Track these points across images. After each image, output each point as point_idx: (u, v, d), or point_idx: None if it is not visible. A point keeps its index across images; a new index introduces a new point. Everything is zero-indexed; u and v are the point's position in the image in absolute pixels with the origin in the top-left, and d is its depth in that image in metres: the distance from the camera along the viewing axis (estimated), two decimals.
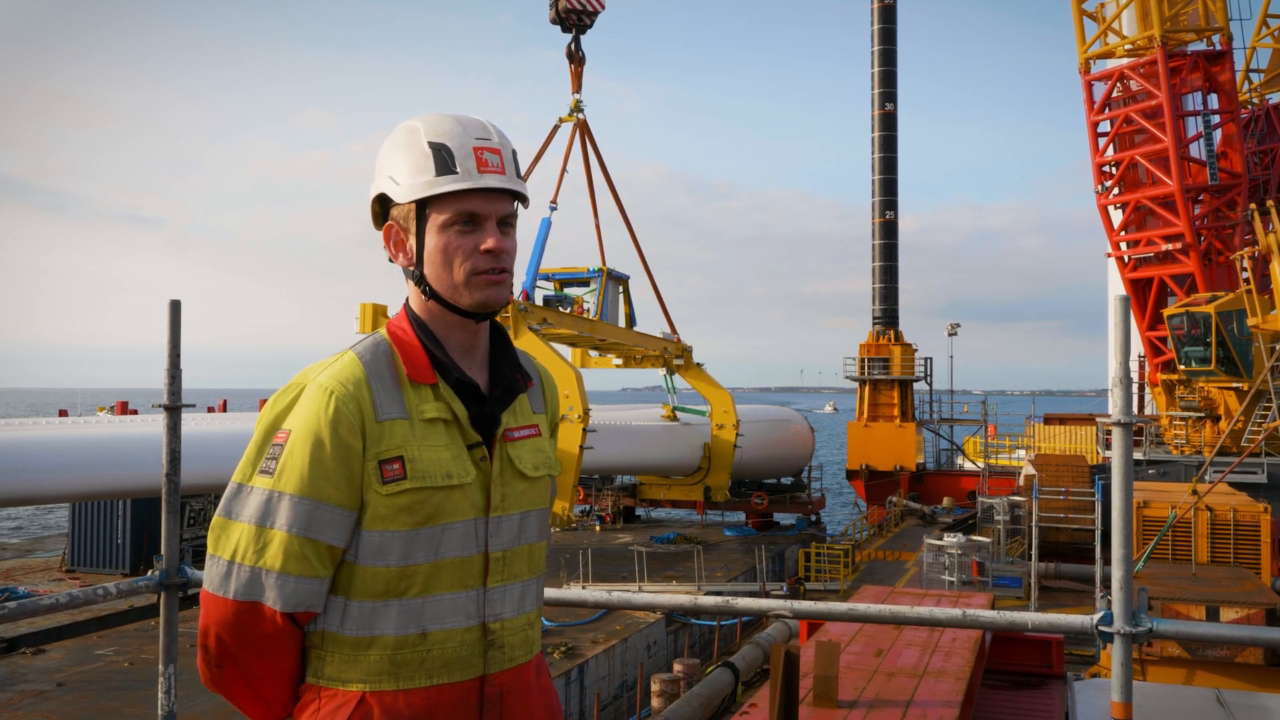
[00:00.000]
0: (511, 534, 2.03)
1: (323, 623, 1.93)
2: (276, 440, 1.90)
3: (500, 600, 2.01)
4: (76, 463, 16.94)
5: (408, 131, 1.99)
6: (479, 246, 1.96)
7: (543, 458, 2.13)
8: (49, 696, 13.70)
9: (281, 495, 1.86)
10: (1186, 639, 3.42)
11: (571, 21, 25.75)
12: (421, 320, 2.04)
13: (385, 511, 1.89)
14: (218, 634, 1.89)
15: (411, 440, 1.92)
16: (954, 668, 6.04)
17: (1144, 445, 26.87)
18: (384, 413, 1.92)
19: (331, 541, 1.88)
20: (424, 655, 1.92)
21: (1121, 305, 3.03)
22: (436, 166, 1.95)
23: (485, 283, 1.97)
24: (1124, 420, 2.92)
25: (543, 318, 23.80)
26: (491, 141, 1.99)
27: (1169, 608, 10.07)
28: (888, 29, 43.46)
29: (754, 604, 3.55)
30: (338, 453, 1.87)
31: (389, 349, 2.01)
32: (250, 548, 1.87)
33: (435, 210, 1.97)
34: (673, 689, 14.54)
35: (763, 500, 31.79)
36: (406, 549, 1.90)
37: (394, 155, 2.00)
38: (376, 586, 1.90)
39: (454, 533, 1.94)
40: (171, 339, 3.57)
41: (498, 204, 1.99)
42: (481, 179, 1.95)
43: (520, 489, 2.06)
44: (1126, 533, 2.95)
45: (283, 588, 1.86)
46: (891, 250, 43.99)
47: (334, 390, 1.89)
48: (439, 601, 1.93)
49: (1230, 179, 28.69)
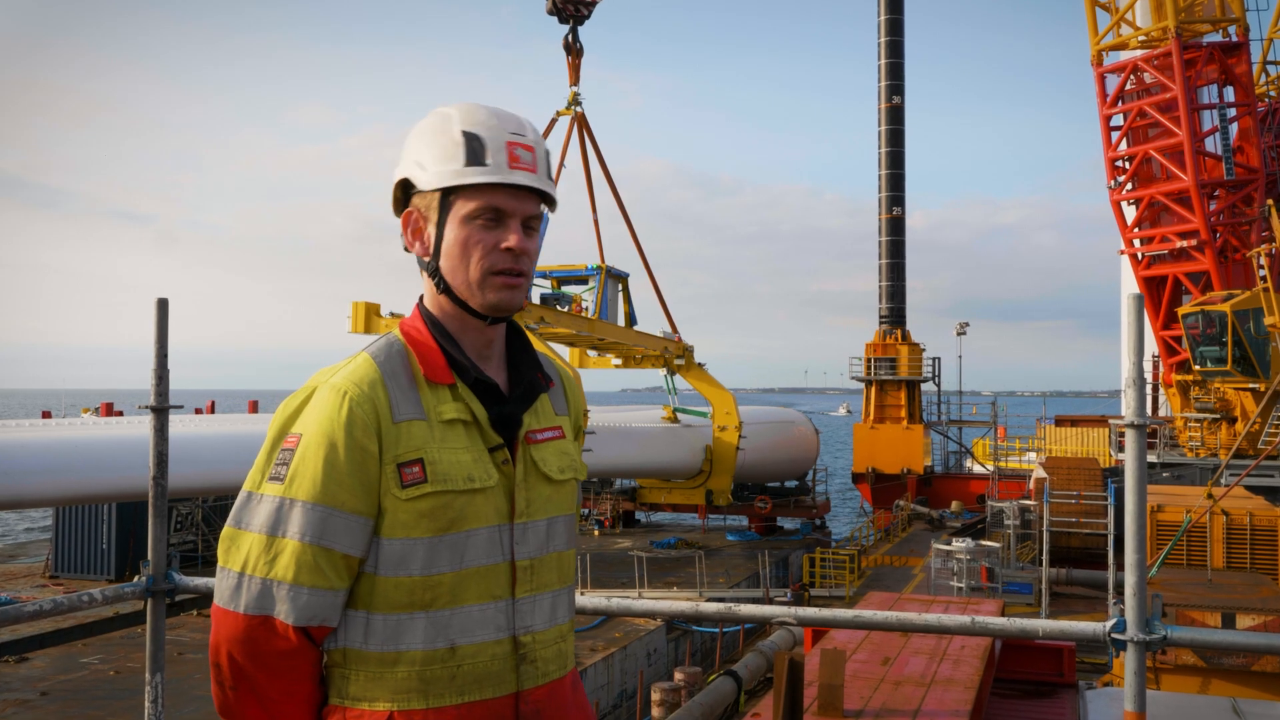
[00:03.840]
0: (539, 541, 1.97)
1: (344, 639, 1.86)
2: (286, 445, 1.85)
3: (530, 611, 1.95)
4: (60, 466, 16.77)
5: (441, 118, 1.94)
6: (500, 244, 1.91)
7: (568, 460, 2.07)
8: (32, 706, 13.49)
9: (293, 502, 1.81)
10: (1202, 646, 3.67)
11: (569, 12, 25.66)
12: (436, 319, 1.98)
13: (406, 517, 1.83)
14: (229, 651, 1.82)
15: (431, 442, 1.87)
16: (963, 676, 5.99)
17: (1158, 448, 26.91)
18: (401, 414, 1.87)
19: (347, 550, 1.82)
20: (454, 671, 1.86)
21: (1135, 304, 3.00)
22: (466, 156, 1.90)
23: (501, 284, 1.92)
24: (1137, 422, 2.90)
25: (540, 316, 23.68)
26: (526, 138, 1.94)
27: (1184, 614, 9.99)
28: (895, 20, 43.39)
29: (757, 611, 3.55)
30: (352, 456, 1.81)
31: (403, 349, 1.95)
32: (261, 558, 1.81)
33: (460, 201, 1.91)
34: (674, 698, 14.38)
35: (766, 504, 31.59)
36: (429, 557, 1.85)
37: (423, 140, 1.94)
38: (400, 598, 1.84)
39: (478, 539, 1.88)
40: (159, 338, 3.52)
41: (525, 203, 1.93)
42: (512, 174, 1.90)
43: (546, 493, 2.00)
44: (1140, 537, 2.92)
45: (295, 600, 1.79)
46: (899, 247, 43.79)
47: (347, 391, 1.84)
48: (467, 613, 1.87)
49: (1247, 174, 28.59)
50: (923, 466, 41.29)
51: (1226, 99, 28.79)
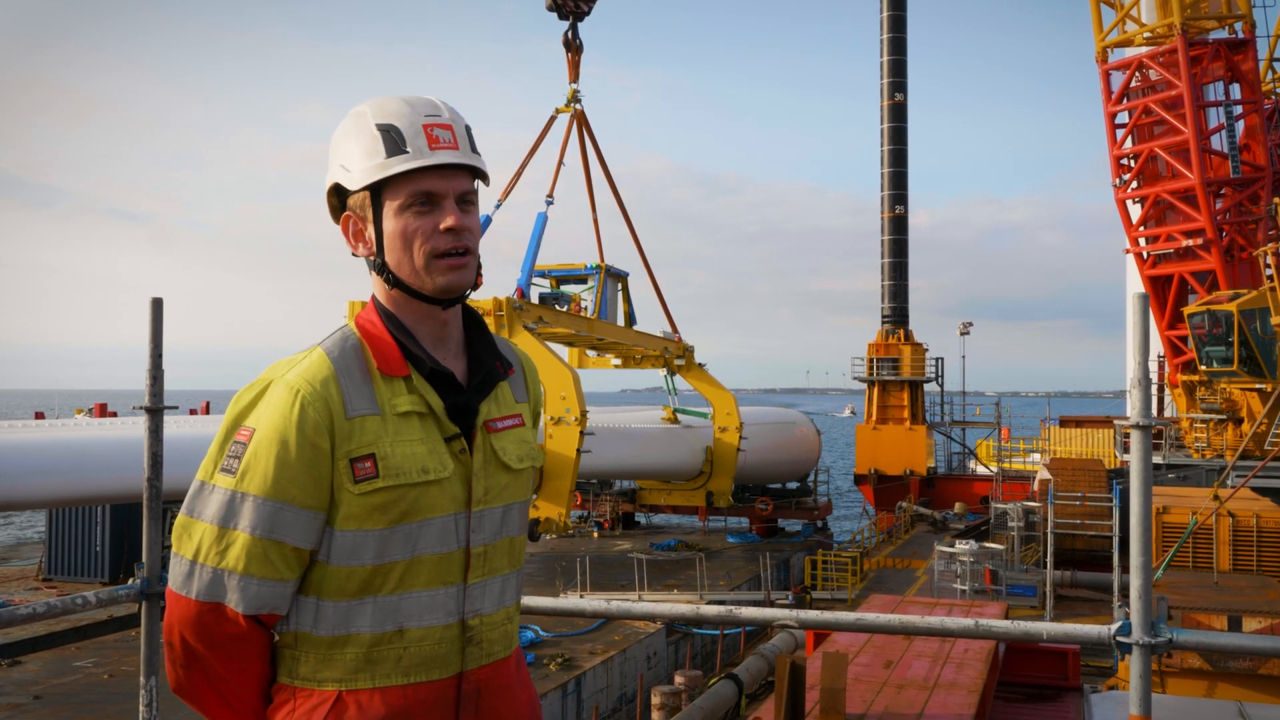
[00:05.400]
0: (493, 528, 2.00)
1: (295, 623, 1.90)
2: (239, 437, 1.86)
3: (480, 596, 1.98)
4: (54, 467, 16.75)
5: (355, 117, 1.97)
6: (438, 226, 1.93)
7: (527, 449, 2.09)
8: (25, 710, 13.38)
9: (245, 496, 1.83)
10: (1208, 650, 3.44)
11: (569, 8, 25.49)
12: (389, 311, 1.99)
13: (358, 510, 1.86)
14: (181, 633, 1.87)
15: (384, 436, 1.88)
16: (966, 680, 5.97)
17: (1163, 449, 26.82)
18: (354, 409, 1.88)
19: (297, 543, 1.85)
20: (401, 653, 1.89)
21: (1140, 303, 2.98)
22: (387, 148, 1.92)
23: (447, 266, 1.93)
24: (1143, 423, 2.90)
25: (538, 316, 23.52)
26: (442, 117, 1.96)
27: (1189, 617, 9.99)
28: (897, 16, 43.26)
29: (758, 613, 3.54)
30: (304, 454, 1.83)
31: (358, 343, 1.96)
32: (213, 549, 1.84)
33: (390, 194, 1.93)
34: (674, 702, 14.32)
35: (767, 506, 31.46)
36: (381, 547, 1.87)
37: (344, 142, 1.98)
38: (351, 586, 1.87)
39: (432, 529, 1.91)
40: (153, 338, 3.54)
41: (454, 181, 1.95)
42: (434, 155, 1.92)
43: (504, 481, 2.02)
44: (1145, 540, 2.93)
45: (245, 590, 1.83)
46: (901, 246, 43.59)
47: (300, 389, 1.86)
48: (415, 598, 1.90)
49: (1253, 172, 28.40)
50: (926, 468, 41.05)
51: (1233, 96, 28.59)
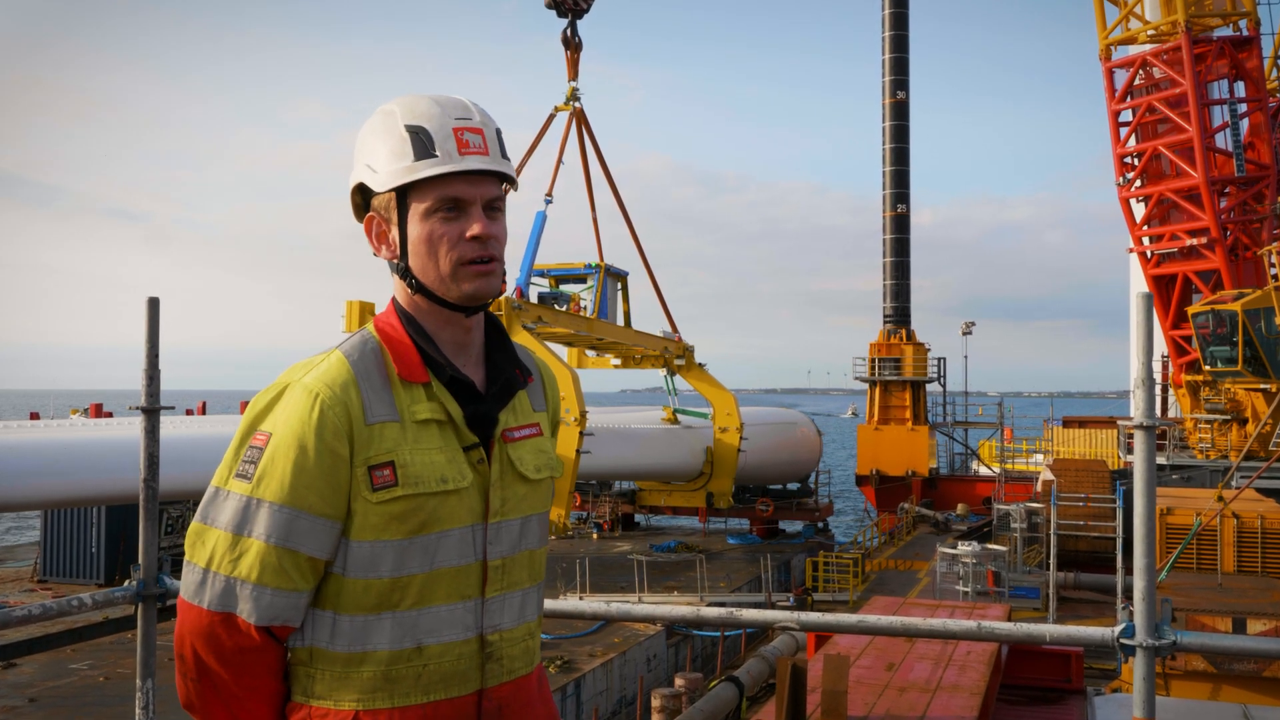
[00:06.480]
0: (511, 540, 1.97)
1: (310, 638, 1.87)
2: (255, 442, 1.83)
3: (499, 610, 1.95)
4: (48, 468, 16.63)
5: (384, 116, 1.93)
6: (465, 233, 1.90)
7: (545, 459, 2.06)
8: (20, 713, 13.29)
9: (260, 502, 1.80)
10: (1212, 652, 3.43)
11: (567, 6, 25.42)
12: (410, 315, 1.95)
13: (376, 520, 1.83)
14: (192, 644, 1.84)
15: (403, 444, 1.86)
16: (968, 682, 6.01)
17: (1167, 449, 26.81)
18: (373, 415, 1.85)
19: (312, 553, 1.82)
20: (420, 670, 1.86)
21: (1144, 303, 2.94)
22: (415, 151, 1.88)
23: (474, 273, 1.90)
24: (1146, 423, 2.90)
25: (537, 315, 23.45)
26: (473, 121, 1.92)
27: (1194, 619, 9.96)
28: (899, 13, 43.10)
29: (759, 615, 3.53)
30: (322, 460, 1.80)
31: (377, 347, 1.93)
32: (226, 557, 1.81)
33: (416, 197, 1.90)
34: (674, 704, 14.15)
35: (768, 507, 31.32)
36: (400, 559, 1.84)
37: (371, 142, 1.93)
38: (368, 600, 1.84)
39: (450, 540, 1.88)
40: (150, 338, 3.51)
41: (482, 187, 1.91)
42: (463, 161, 1.88)
43: (521, 492, 1.99)
44: (1149, 541, 2.93)
45: (258, 600, 1.80)
46: (903, 245, 43.45)
47: (319, 393, 1.82)
48: (434, 614, 1.87)
49: (1258, 171, 28.35)
50: (928, 468, 40.93)
51: (1237, 94, 28.55)
